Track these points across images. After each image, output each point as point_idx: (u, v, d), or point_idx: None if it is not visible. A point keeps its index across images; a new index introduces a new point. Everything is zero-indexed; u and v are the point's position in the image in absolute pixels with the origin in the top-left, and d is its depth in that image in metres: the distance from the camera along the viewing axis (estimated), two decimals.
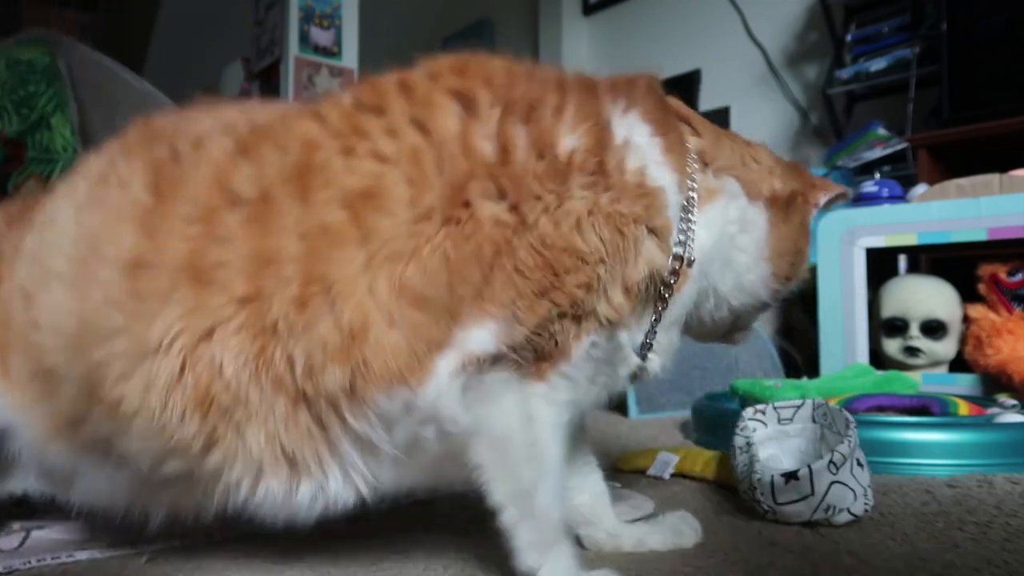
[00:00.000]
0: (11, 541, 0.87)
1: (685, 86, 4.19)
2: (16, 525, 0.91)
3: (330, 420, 0.65)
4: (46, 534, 0.89)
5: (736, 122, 4.01)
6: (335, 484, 0.68)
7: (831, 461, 0.86)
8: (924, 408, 1.38)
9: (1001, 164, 2.06)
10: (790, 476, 0.87)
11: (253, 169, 0.67)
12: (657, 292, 0.72)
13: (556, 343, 0.66)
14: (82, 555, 0.82)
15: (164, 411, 0.63)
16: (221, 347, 0.62)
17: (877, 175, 2.84)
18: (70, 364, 0.67)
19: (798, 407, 1.02)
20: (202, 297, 0.63)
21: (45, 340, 0.70)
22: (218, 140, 0.70)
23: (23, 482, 0.83)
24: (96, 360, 0.65)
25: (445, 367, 0.63)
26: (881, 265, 2.17)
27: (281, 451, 0.65)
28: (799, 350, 2.29)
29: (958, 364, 1.95)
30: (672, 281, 0.72)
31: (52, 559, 0.81)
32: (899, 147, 2.94)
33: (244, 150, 0.69)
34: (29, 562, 0.80)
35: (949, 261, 2.40)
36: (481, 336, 0.63)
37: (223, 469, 0.66)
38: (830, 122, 3.53)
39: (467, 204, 0.64)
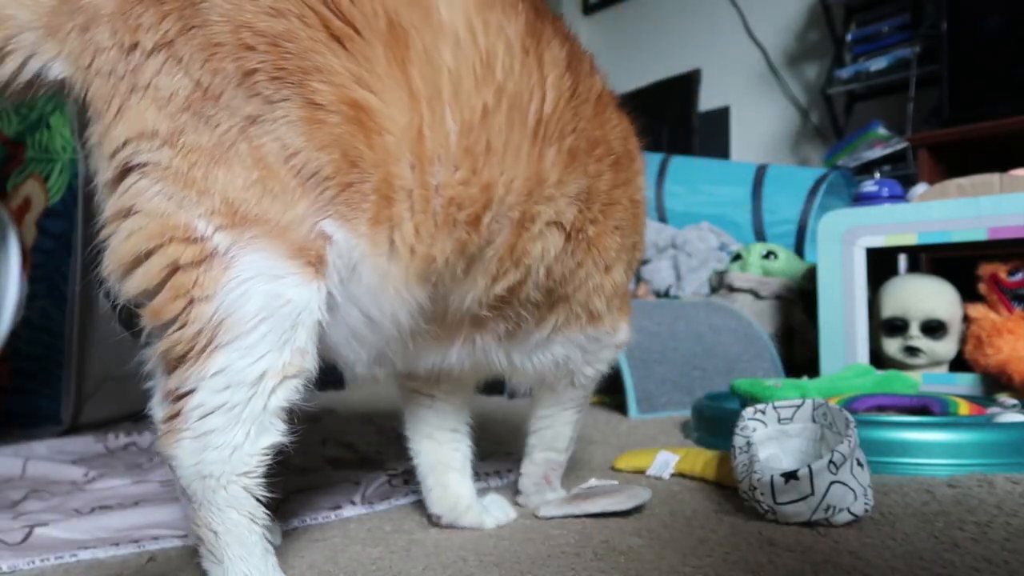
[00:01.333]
0: (14, 536, 0.87)
1: (685, 86, 4.19)
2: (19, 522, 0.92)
3: (540, 317, 0.86)
4: (48, 531, 0.90)
5: (736, 122, 4.01)
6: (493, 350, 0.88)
7: (831, 461, 0.86)
8: (924, 408, 1.38)
9: (1001, 164, 2.06)
10: (790, 476, 0.87)
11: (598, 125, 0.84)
12: None
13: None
14: (84, 554, 0.83)
15: (534, 272, 0.80)
16: (550, 237, 0.79)
17: (877, 175, 2.84)
18: (511, 208, 0.74)
19: (798, 407, 1.03)
20: (558, 190, 0.78)
21: (497, 176, 0.73)
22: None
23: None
24: (532, 212, 0.76)
25: (625, 331, 1.00)
26: (881, 265, 2.17)
27: (508, 319, 0.84)
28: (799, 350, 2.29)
29: (958, 364, 1.95)
30: None
31: (55, 559, 0.81)
32: (899, 147, 2.95)
33: (601, 106, 0.85)
34: (33, 561, 0.80)
35: (949, 261, 2.41)
36: (626, 329, 1.00)
37: (498, 319, 0.83)
38: (830, 122, 3.54)
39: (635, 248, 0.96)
